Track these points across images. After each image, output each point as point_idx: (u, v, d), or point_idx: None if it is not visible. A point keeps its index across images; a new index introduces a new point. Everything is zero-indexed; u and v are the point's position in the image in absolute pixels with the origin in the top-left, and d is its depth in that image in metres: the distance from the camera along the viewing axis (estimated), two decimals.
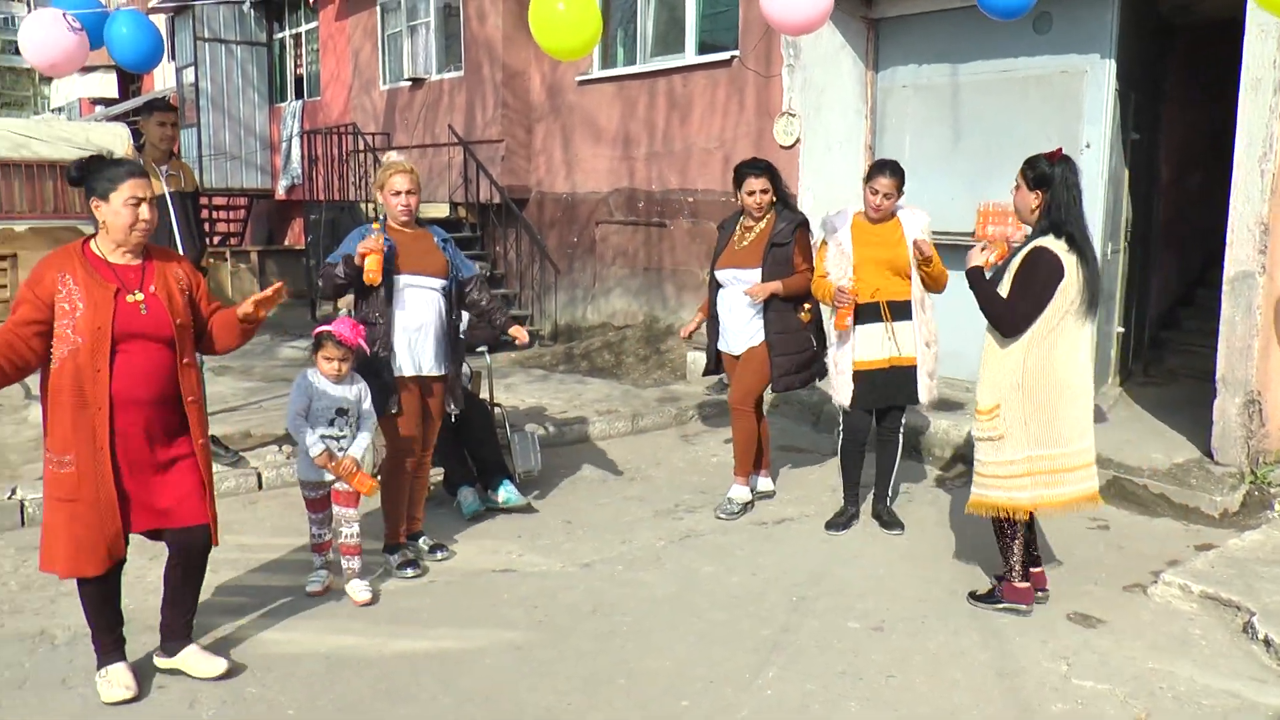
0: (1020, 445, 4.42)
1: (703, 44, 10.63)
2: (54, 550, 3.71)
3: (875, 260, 5.49)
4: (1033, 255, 4.34)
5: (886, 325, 5.51)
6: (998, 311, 4.41)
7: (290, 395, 4.72)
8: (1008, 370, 4.41)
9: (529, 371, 10.10)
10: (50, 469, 3.69)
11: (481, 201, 12.64)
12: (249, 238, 19.74)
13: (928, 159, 8.73)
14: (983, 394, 4.50)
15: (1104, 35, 7.62)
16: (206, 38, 17.80)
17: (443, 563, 5.21)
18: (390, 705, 3.80)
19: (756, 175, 5.82)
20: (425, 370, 5.06)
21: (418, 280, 5.00)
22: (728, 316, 5.99)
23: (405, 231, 5.05)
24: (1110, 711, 3.80)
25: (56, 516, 3.69)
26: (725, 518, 5.94)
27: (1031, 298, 4.33)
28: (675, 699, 3.87)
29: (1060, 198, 4.35)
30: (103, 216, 3.71)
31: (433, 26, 13.74)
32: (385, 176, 4.99)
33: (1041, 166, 4.41)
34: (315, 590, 4.75)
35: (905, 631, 4.46)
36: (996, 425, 4.44)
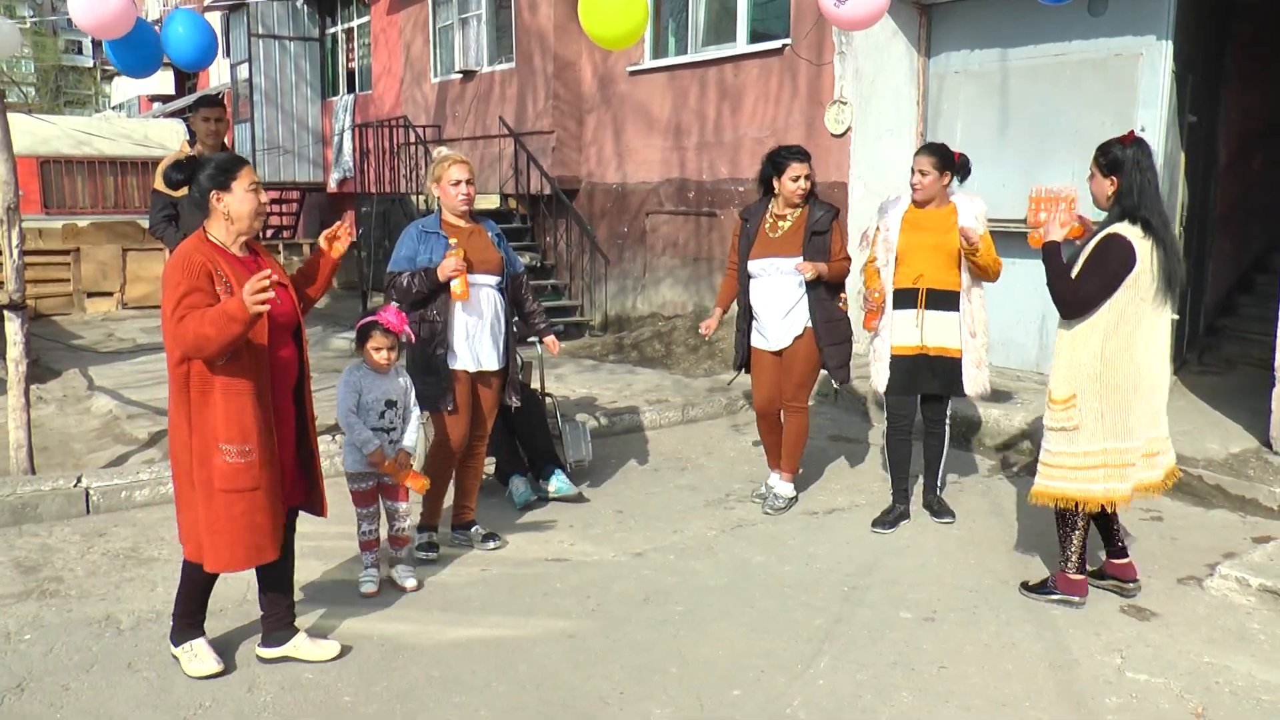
0: (1095, 437, 4.35)
1: (754, 33, 10.60)
2: (232, 545, 3.76)
3: (921, 246, 5.43)
4: (1104, 242, 4.28)
5: (918, 313, 5.46)
6: (1061, 290, 4.34)
7: (339, 392, 4.75)
8: (1084, 360, 4.34)
9: (579, 362, 10.15)
10: (224, 461, 3.70)
11: (532, 193, 12.72)
12: (301, 230, 19.99)
13: (979, 145, 8.64)
14: (1057, 383, 4.42)
15: (1161, 16, 7.51)
16: (260, 34, 18.03)
17: (494, 551, 5.27)
18: (445, 692, 3.85)
19: (800, 160, 5.68)
20: (484, 366, 5.11)
21: (476, 279, 5.03)
22: (765, 309, 5.79)
23: (462, 226, 5.09)
24: (1166, 706, 3.76)
25: (234, 509, 3.73)
26: (773, 512, 5.89)
27: (1097, 283, 4.26)
28: (728, 688, 3.89)
29: (1133, 181, 4.26)
30: (226, 206, 3.81)
31: (484, 19, 13.82)
32: (442, 169, 5.03)
33: (1114, 151, 4.33)
34: (370, 591, 4.73)
35: (957, 622, 4.45)
36: (1071, 415, 4.37)
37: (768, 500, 5.98)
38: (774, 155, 5.81)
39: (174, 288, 3.65)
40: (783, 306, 5.73)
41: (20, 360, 5.93)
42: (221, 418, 3.71)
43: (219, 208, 3.82)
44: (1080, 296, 4.30)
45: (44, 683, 3.89)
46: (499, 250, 5.16)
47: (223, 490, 3.73)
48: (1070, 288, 4.33)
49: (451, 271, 4.83)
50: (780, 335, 5.77)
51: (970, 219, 5.37)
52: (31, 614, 4.47)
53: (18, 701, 3.75)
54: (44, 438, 6.30)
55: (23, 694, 3.80)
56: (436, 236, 5.01)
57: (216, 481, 3.73)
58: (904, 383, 5.56)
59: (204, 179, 3.82)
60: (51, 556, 5.10)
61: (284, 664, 4.04)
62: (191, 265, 3.68)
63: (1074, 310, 4.33)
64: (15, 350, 5.94)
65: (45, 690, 3.83)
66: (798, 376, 5.80)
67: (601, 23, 5.74)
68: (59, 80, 57.73)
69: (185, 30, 6.59)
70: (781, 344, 5.78)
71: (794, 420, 5.89)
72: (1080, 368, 4.35)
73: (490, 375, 5.20)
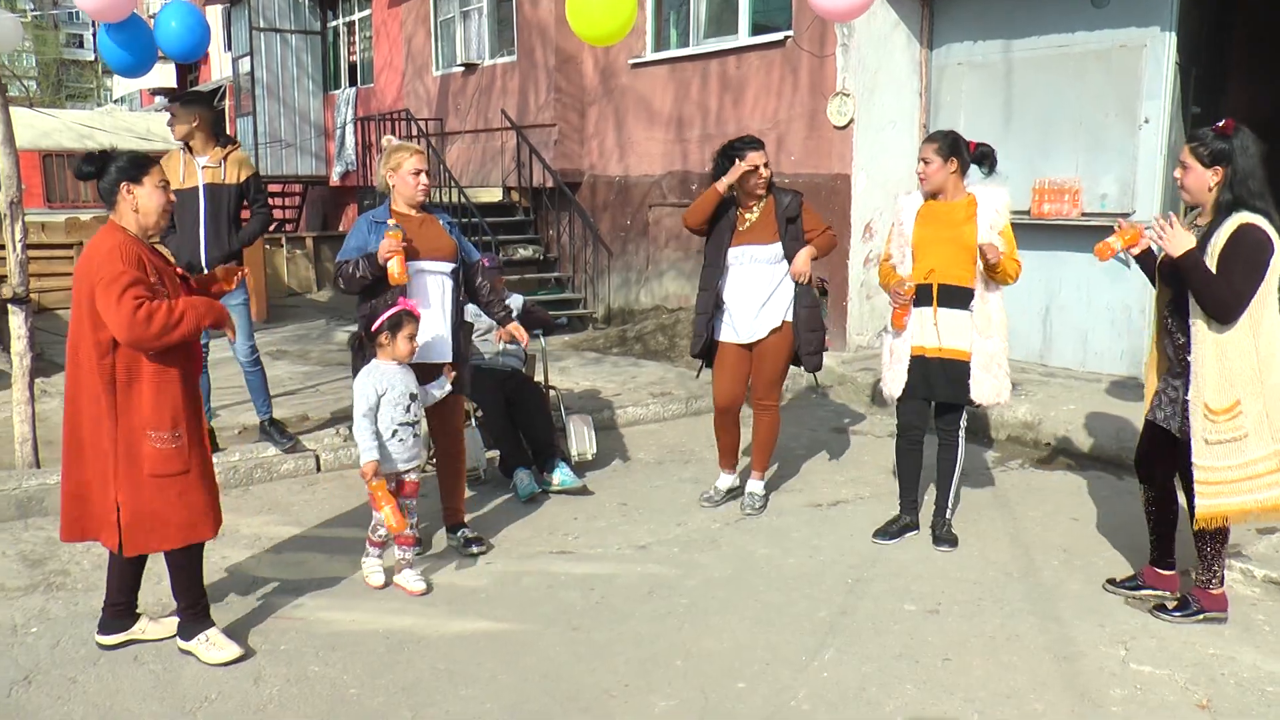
0: (1264, 441, 4.08)
1: (756, 25, 10.57)
2: (165, 526, 3.87)
3: (935, 240, 5.09)
4: (1239, 234, 3.98)
5: (932, 310, 5.11)
6: (1220, 296, 3.99)
7: (357, 392, 4.62)
8: (1241, 361, 4.05)
9: (583, 355, 10.15)
10: (155, 448, 3.81)
11: (534, 186, 12.71)
12: (304, 224, 19.97)
13: (982, 137, 8.53)
14: (1213, 394, 4.08)
15: (1164, 7, 7.51)
16: (262, 27, 18.00)
17: (499, 544, 5.26)
18: (451, 685, 3.86)
19: (757, 149, 5.45)
20: (435, 357, 5.00)
21: (426, 265, 4.97)
22: (739, 299, 5.58)
23: (413, 215, 5.03)
24: (1171, 697, 3.77)
25: (166, 494, 3.85)
26: (753, 512, 5.76)
27: (1249, 277, 3.97)
28: (732, 680, 3.90)
29: (1245, 168, 4.03)
30: (135, 200, 3.87)
31: (485, 11, 13.80)
32: (400, 158, 4.95)
33: (1215, 142, 4.07)
34: (379, 584, 4.71)
35: (961, 614, 4.45)
36: (1240, 424, 4.06)
37: (746, 502, 5.82)
38: (728, 149, 5.54)
39: (116, 276, 3.68)
40: (758, 297, 5.55)
41: (24, 354, 5.94)
42: (151, 405, 3.80)
43: (127, 199, 3.86)
44: (1240, 296, 3.98)
45: (51, 675, 3.90)
46: (451, 237, 5.10)
47: (153, 475, 3.82)
48: (1227, 289, 3.98)
49: (387, 252, 4.72)
50: (754, 328, 5.59)
51: (993, 213, 5.05)
52: (38, 607, 4.48)
53: (25, 694, 3.76)
54: (48, 431, 6.26)
55: (30, 686, 3.81)
56: (384, 226, 4.92)
57: (146, 467, 3.81)
58: (918, 387, 5.21)
59: (114, 170, 3.86)
60: (58, 550, 5.11)
61: (290, 657, 4.05)
62: (130, 255, 3.75)
63: (1236, 313, 4.00)
64: (19, 344, 5.94)
65: (52, 683, 3.85)
66: (771, 373, 5.66)
67: (587, 22, 5.76)
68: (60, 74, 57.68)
69: (178, 23, 6.58)
70: (754, 337, 5.60)
71: (766, 419, 5.77)
72: (1238, 370, 4.05)
73: (443, 368, 5.04)
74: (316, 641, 4.20)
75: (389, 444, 4.65)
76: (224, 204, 6.25)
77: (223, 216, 6.24)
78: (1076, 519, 5.64)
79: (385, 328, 4.65)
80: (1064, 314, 8.42)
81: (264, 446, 6.45)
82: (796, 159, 9.76)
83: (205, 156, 6.25)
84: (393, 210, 5.02)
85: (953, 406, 5.25)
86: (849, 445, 7.18)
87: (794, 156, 9.79)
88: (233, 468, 6.23)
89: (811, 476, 6.44)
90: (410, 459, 4.76)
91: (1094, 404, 7.17)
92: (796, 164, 9.76)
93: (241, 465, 6.25)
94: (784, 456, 6.88)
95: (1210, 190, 4.12)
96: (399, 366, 4.71)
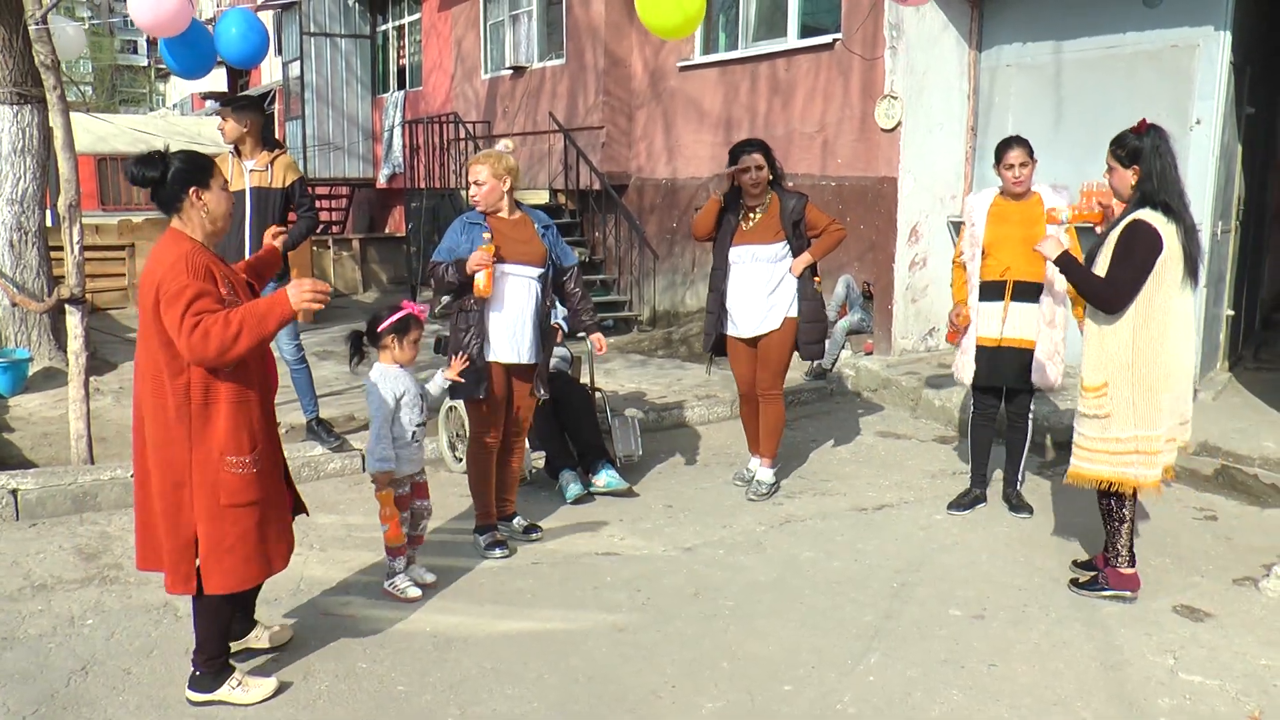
0: (1126, 425, 4.38)
1: (805, 27, 10.56)
2: (246, 562, 3.62)
3: (1010, 238, 5.45)
4: (1129, 229, 4.29)
5: (1005, 305, 5.48)
6: (1096, 290, 4.37)
7: (375, 399, 4.56)
8: (1116, 349, 4.37)
9: (628, 357, 10.18)
10: (234, 474, 3.57)
11: (581, 188, 12.75)
12: (350, 226, 20.18)
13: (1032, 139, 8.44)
14: (1089, 371, 4.44)
15: (1219, 6, 7.41)
16: (312, 32, 18.21)
17: (545, 545, 5.31)
18: (498, 684, 3.89)
19: (749, 152, 5.78)
20: (521, 358, 5.12)
21: (515, 269, 5.05)
22: (740, 297, 5.93)
23: (504, 218, 5.11)
24: (1221, 708, 3.72)
25: (245, 523, 3.61)
26: (756, 498, 6.01)
27: (1130, 271, 4.27)
28: (778, 683, 3.90)
29: (1152, 167, 4.29)
30: (205, 204, 3.61)
31: (535, 14, 13.89)
32: (469, 166, 5.12)
33: (1130, 141, 4.37)
34: (415, 596, 4.62)
35: (1007, 620, 4.43)
36: (1104, 404, 4.40)
37: (751, 486, 6.11)
38: (731, 150, 5.93)
39: (180, 291, 3.41)
40: (759, 295, 5.86)
41: (80, 353, 6.06)
42: (228, 428, 3.55)
43: (196, 205, 3.60)
44: (1118, 290, 4.30)
45: (106, 666, 3.98)
46: (543, 242, 5.17)
47: (230, 505, 3.57)
48: (1105, 284, 4.33)
49: (475, 265, 4.85)
50: (755, 325, 5.92)
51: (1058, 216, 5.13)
52: (93, 600, 4.57)
53: (82, 683, 3.84)
54: (102, 428, 6.41)
55: (87, 676, 3.89)
56: (479, 228, 5.04)
57: (224, 497, 3.56)
58: (986, 373, 5.62)
59: (178, 174, 3.56)
60: (111, 544, 5.21)
61: (339, 654, 4.11)
62: (195, 266, 3.47)
63: (1115, 306, 4.33)
64: (75, 343, 6.06)
65: (108, 673, 3.92)
66: (774, 365, 5.97)
67: (657, 12, 5.79)
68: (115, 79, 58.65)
69: (238, 29, 6.70)
70: (756, 332, 5.93)
71: (771, 407, 6.05)
72: (1112, 356, 4.38)
73: (527, 369, 5.21)
74: (365, 639, 4.25)
75: (409, 447, 4.65)
76: (270, 207, 6.34)
77: (268, 219, 6.32)
78: None
79: (391, 330, 4.62)
80: None
81: (311, 445, 6.53)
82: (844, 162, 9.73)
83: (253, 160, 6.35)
84: (488, 215, 5.09)
85: (1022, 392, 5.64)
86: (893, 449, 7.15)
87: (841, 159, 9.76)
88: None
89: (856, 480, 6.42)
90: (421, 460, 4.79)
91: None
92: (843, 167, 9.73)
93: (290, 464, 6.32)
94: (828, 460, 6.87)
95: (1133, 189, 4.39)
96: (404, 370, 4.70)
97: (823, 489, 6.25)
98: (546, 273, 5.19)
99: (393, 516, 4.55)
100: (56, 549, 5.17)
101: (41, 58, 6.13)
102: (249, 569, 3.66)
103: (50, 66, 6.11)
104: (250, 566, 3.66)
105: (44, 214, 8.64)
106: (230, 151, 6.39)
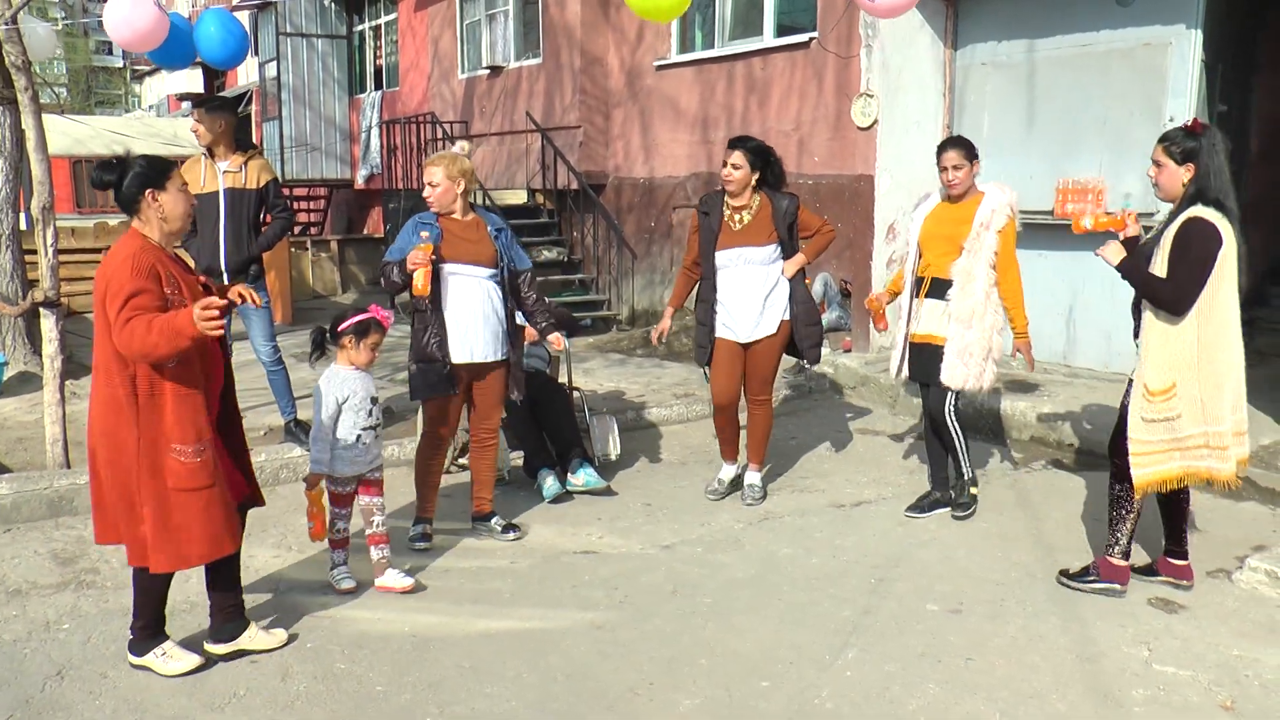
0: (1196, 422, 4.27)
1: (781, 26, 10.58)
2: (191, 541, 3.76)
3: (935, 236, 5.48)
4: (1187, 227, 4.21)
5: (919, 301, 5.53)
6: (1161, 292, 4.25)
7: (318, 399, 4.67)
8: (1181, 348, 4.25)
9: (607, 356, 10.18)
10: (178, 461, 3.70)
11: (559, 188, 12.75)
12: (329, 227, 20.10)
13: (1007, 137, 8.63)
14: (1153, 375, 4.31)
15: (1190, 4, 7.48)
16: (288, 32, 18.14)
17: (523, 544, 5.31)
18: (476, 683, 3.90)
19: (730, 148, 5.68)
20: (475, 356, 5.13)
21: (465, 269, 5.08)
22: (733, 300, 5.73)
23: (457, 219, 5.14)
24: (1194, 698, 3.76)
25: (191, 507, 3.74)
26: (753, 503, 5.92)
27: (1194, 270, 4.18)
28: (757, 679, 3.92)
29: (1210, 164, 4.23)
30: (161, 206, 3.78)
31: (511, 14, 13.87)
32: (425, 168, 5.13)
33: (1185, 140, 4.29)
34: (349, 588, 4.69)
35: (984, 614, 4.45)
36: (1173, 405, 4.27)
37: (745, 492, 6.00)
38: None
39: (120, 287, 3.60)
40: (754, 298, 5.69)
41: (55, 356, 6.01)
42: (173, 420, 3.70)
43: (153, 206, 3.77)
44: (1183, 290, 4.20)
45: (83, 671, 3.96)
46: (494, 244, 5.19)
47: (177, 490, 3.72)
48: (1169, 286, 4.22)
49: (411, 264, 4.87)
50: (751, 328, 5.73)
51: (988, 211, 5.31)
52: (70, 604, 4.55)
53: (59, 689, 3.83)
54: (77, 432, 6.32)
55: (63, 681, 3.88)
56: (430, 228, 5.07)
57: (170, 481, 3.71)
58: (914, 369, 5.64)
59: (136, 176, 3.76)
60: (87, 548, 5.18)
61: (318, 654, 4.10)
62: (140, 265, 3.65)
63: (1181, 307, 4.22)
64: (50, 347, 6.02)
65: (84, 678, 3.91)
66: (765, 370, 5.84)
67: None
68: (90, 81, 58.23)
69: (216, 29, 6.68)
70: (752, 336, 5.75)
71: (761, 412, 5.95)
72: (1177, 356, 4.26)
73: (487, 367, 5.21)
74: (343, 639, 4.24)
75: (353, 449, 4.68)
76: (244, 209, 6.34)
77: (243, 221, 6.32)
78: (1100, 519, 5.59)
79: (351, 331, 4.71)
80: (1087, 314, 8.39)
81: (289, 447, 6.51)
82: (820, 160, 9.76)
83: (226, 162, 6.34)
84: (440, 216, 5.10)
85: (938, 389, 5.51)
86: (872, 446, 7.18)
87: (817, 158, 9.79)
88: (258, 468, 6.24)
89: (834, 477, 6.45)
90: (373, 460, 4.79)
91: (1118, 404, 7.11)
92: (820, 165, 9.76)
93: (267, 466, 6.31)
94: (807, 457, 6.90)
95: (1184, 186, 4.32)
96: (358, 371, 4.73)
97: (801, 486, 6.28)
98: (500, 273, 5.21)
99: (318, 515, 4.60)
100: (32, 554, 5.14)
101: (12, 58, 6.10)
102: (194, 548, 3.79)
103: (21, 68, 6.07)
104: (195, 545, 3.79)
105: (18, 217, 8.58)
106: (204, 153, 6.36)
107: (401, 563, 4.94)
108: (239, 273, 6.29)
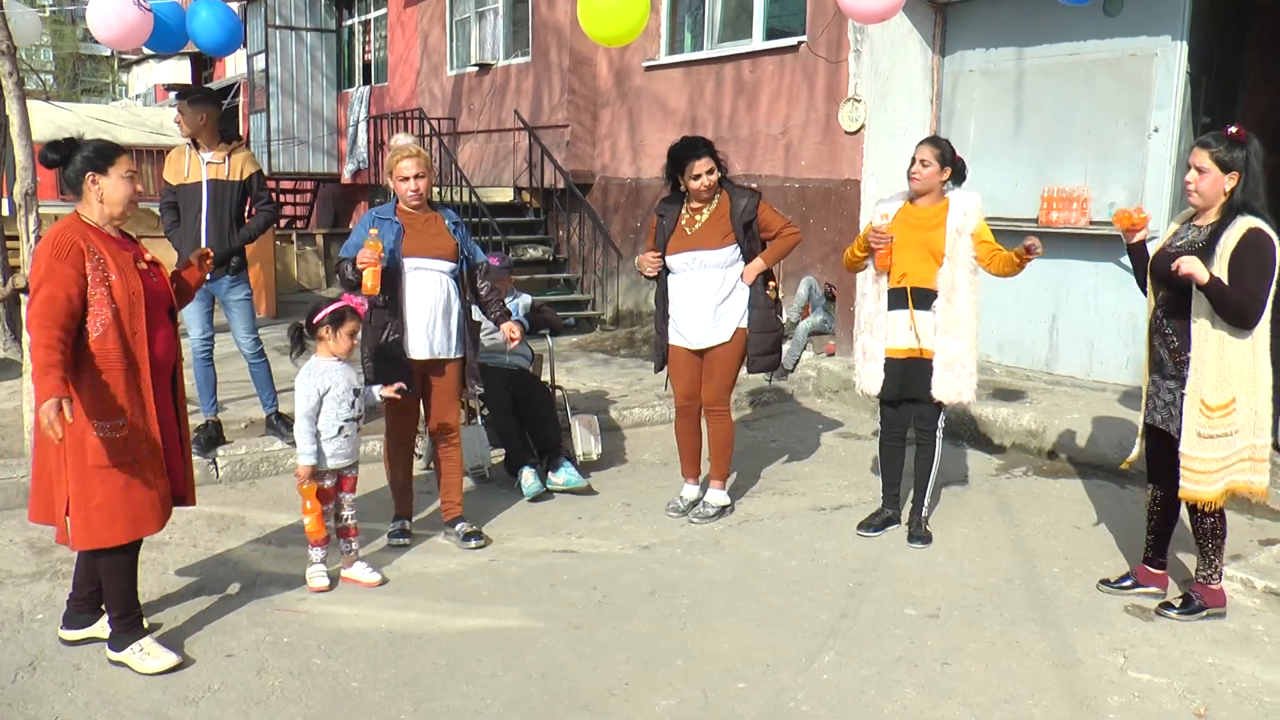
0: (1247, 434, 4.22)
1: (770, 29, 10.58)
2: (111, 520, 3.75)
3: (908, 243, 5.18)
4: (1249, 238, 4.10)
5: (910, 313, 5.21)
6: (1242, 306, 4.10)
7: (299, 393, 4.66)
8: (1237, 360, 4.17)
9: (590, 356, 10.17)
10: (98, 437, 3.71)
11: (546, 186, 12.74)
12: (315, 221, 20.04)
13: (993, 144, 8.65)
14: (1211, 390, 4.19)
15: (1176, 16, 7.51)
16: (278, 25, 18.08)
17: (502, 543, 5.30)
18: (452, 681, 3.89)
19: (698, 157, 5.37)
20: (436, 353, 5.12)
21: (425, 263, 5.06)
22: (686, 306, 5.49)
23: (415, 214, 5.13)
24: (1169, 705, 3.77)
25: (110, 484, 3.74)
26: (699, 521, 5.63)
27: (1261, 280, 4.09)
28: (733, 681, 3.92)
29: (1254, 173, 4.18)
30: (100, 190, 3.82)
31: (501, 12, 13.85)
32: (394, 162, 5.09)
33: (1234, 148, 4.20)
34: (323, 586, 4.65)
35: (961, 620, 4.46)
36: (1233, 420, 4.19)
37: (696, 509, 5.72)
38: (674, 153, 5.52)
39: (36, 267, 3.67)
40: (707, 304, 5.45)
41: None
42: (91, 396, 3.71)
43: (92, 189, 3.82)
44: (1260, 305, 4.11)
45: (55, 661, 3.94)
46: (453, 237, 5.18)
47: (97, 466, 3.72)
48: (1250, 300, 4.10)
49: (361, 263, 4.83)
50: (703, 336, 5.51)
51: (959, 215, 5.11)
52: (44, 594, 4.52)
53: (30, 679, 3.80)
54: None
55: (35, 672, 3.85)
56: (388, 223, 5.04)
57: (90, 458, 3.72)
58: (896, 386, 5.32)
59: (80, 160, 3.82)
60: None
61: (293, 650, 4.08)
62: (61, 245, 3.68)
63: (1255, 320, 4.13)
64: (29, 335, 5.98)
65: (57, 669, 3.88)
66: (721, 378, 5.58)
67: (598, 22, 5.79)
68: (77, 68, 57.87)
69: (209, 16, 6.67)
70: (704, 344, 5.53)
71: (720, 424, 5.67)
72: (1234, 369, 4.18)
73: (444, 363, 5.19)
74: (319, 635, 4.23)
75: (333, 441, 4.67)
76: (227, 200, 6.30)
77: (225, 212, 6.29)
78: (1079, 527, 5.65)
79: (327, 321, 4.67)
80: (1070, 322, 8.42)
81: (270, 440, 6.49)
82: (808, 164, 9.77)
83: (210, 153, 6.30)
84: (397, 209, 5.09)
85: (931, 405, 5.29)
86: (853, 450, 7.19)
87: (805, 161, 9.80)
88: (239, 461, 6.27)
89: (815, 481, 6.46)
90: (351, 454, 4.78)
91: (1099, 412, 7.16)
92: (807, 169, 9.77)
93: (248, 459, 6.29)
94: (788, 460, 6.91)
95: (1225, 194, 4.23)
96: (339, 363, 4.72)
97: (782, 489, 6.28)
98: (460, 268, 5.21)
99: (314, 510, 4.61)
100: (7, 542, 5.11)
101: None
102: (114, 528, 3.78)
103: (5, 53, 6.04)
104: (115, 525, 3.78)
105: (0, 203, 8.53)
106: (188, 144, 6.33)
107: (381, 560, 4.93)
108: (220, 264, 6.25)
